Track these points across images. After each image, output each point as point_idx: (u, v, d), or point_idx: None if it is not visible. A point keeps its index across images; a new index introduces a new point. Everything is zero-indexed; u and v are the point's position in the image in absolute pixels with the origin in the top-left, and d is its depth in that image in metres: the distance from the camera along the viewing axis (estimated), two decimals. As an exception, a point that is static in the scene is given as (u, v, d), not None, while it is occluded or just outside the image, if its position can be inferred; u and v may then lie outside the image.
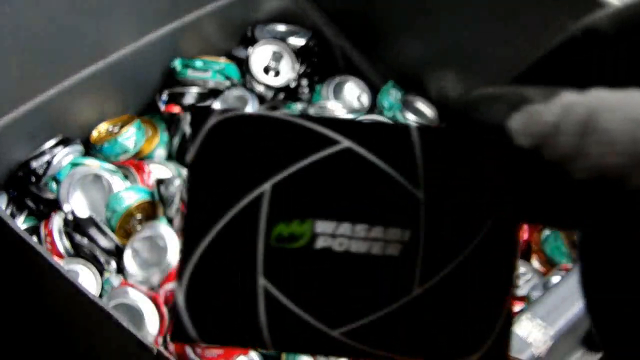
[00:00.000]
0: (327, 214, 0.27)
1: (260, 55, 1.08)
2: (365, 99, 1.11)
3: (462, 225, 0.27)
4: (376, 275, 0.27)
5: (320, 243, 0.27)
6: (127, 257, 0.86)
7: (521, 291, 0.87)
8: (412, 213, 0.27)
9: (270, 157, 0.27)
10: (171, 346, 0.81)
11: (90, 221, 0.89)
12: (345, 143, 0.27)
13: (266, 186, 0.27)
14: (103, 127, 1.01)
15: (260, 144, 0.27)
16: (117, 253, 0.88)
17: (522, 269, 0.90)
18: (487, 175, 0.26)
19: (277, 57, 1.09)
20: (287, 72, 1.09)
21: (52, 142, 0.96)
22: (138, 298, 0.80)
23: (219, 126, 0.27)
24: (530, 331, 0.67)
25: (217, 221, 0.27)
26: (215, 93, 1.07)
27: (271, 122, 0.27)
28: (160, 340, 0.81)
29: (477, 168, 0.26)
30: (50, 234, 0.87)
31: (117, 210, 0.91)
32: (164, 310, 0.81)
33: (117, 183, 0.94)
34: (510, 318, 0.28)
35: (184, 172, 1.00)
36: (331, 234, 0.27)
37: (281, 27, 1.14)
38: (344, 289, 0.27)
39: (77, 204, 0.93)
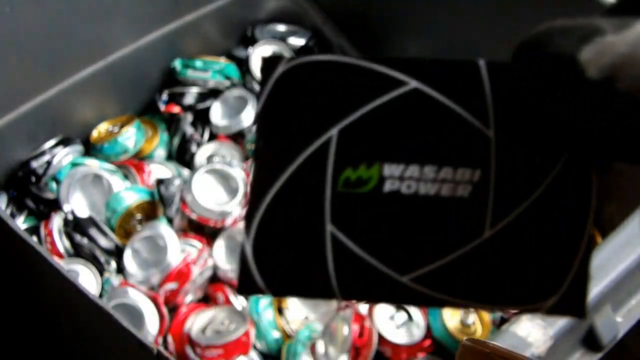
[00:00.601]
0: (394, 156, 0.26)
1: (260, 55, 1.08)
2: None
3: (535, 163, 0.26)
4: (446, 218, 0.26)
5: (388, 186, 0.26)
6: (127, 257, 0.87)
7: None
8: (482, 152, 0.26)
9: (336, 102, 0.26)
10: (171, 346, 0.81)
11: (90, 221, 0.89)
12: (413, 83, 0.26)
13: (333, 131, 0.26)
14: (103, 127, 1.01)
15: (326, 90, 0.26)
16: (117, 253, 0.88)
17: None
18: (558, 111, 0.25)
19: (277, 57, 1.09)
20: (287, 72, 1.09)
21: (52, 142, 0.96)
22: (138, 298, 0.81)
23: (286, 74, 0.27)
24: (530, 331, 0.67)
25: (285, 169, 0.26)
26: (215, 93, 1.07)
27: (337, 67, 0.26)
28: (160, 340, 0.81)
29: (548, 104, 0.25)
30: (50, 234, 0.87)
31: (117, 210, 0.91)
32: (164, 310, 0.81)
33: (117, 183, 0.94)
34: (586, 262, 0.26)
35: (184, 172, 1.00)
36: (399, 177, 0.26)
37: (281, 27, 1.15)
38: (412, 233, 0.26)
39: (77, 204, 0.93)
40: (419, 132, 0.26)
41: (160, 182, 0.93)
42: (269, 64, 0.27)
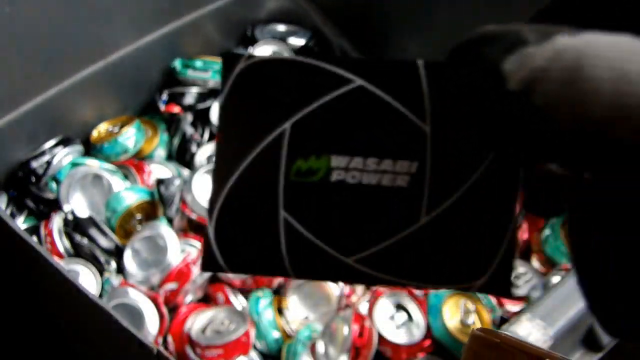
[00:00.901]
0: (341, 149, 0.29)
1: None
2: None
3: (467, 157, 0.28)
4: (386, 205, 0.29)
5: (335, 176, 0.29)
6: (127, 257, 0.86)
7: (521, 291, 0.87)
8: (419, 146, 0.28)
9: (289, 98, 0.29)
10: (171, 346, 0.81)
11: (90, 221, 0.89)
12: (358, 82, 0.28)
13: (286, 125, 0.29)
14: (103, 127, 1.01)
15: (281, 86, 0.29)
16: (117, 253, 0.88)
17: (522, 269, 0.90)
18: (487, 111, 0.27)
19: (277, 57, 1.09)
20: (287, 72, 1.09)
21: (52, 142, 0.96)
22: (138, 298, 0.80)
23: (245, 71, 0.29)
24: (530, 331, 0.67)
25: (243, 159, 0.29)
26: (215, 93, 1.07)
27: (291, 65, 0.29)
28: (160, 340, 0.81)
29: (479, 104, 0.27)
30: (50, 234, 0.87)
31: (117, 210, 0.91)
32: (164, 310, 0.81)
33: (117, 183, 0.94)
34: (513, 246, 0.29)
35: (184, 172, 1.00)
36: (345, 168, 0.29)
37: (281, 27, 1.15)
38: (356, 219, 0.29)
39: (77, 204, 0.93)
40: (363, 127, 0.28)
41: (160, 182, 0.93)
42: (229, 61, 0.29)
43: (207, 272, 0.31)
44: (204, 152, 1.02)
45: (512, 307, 0.84)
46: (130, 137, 0.98)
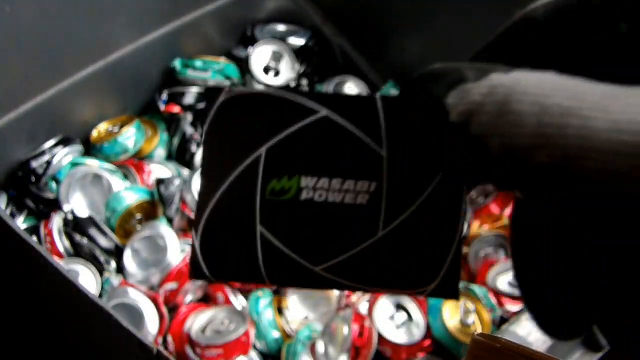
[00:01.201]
0: (309, 171, 0.33)
1: (260, 55, 1.08)
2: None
3: (418, 178, 0.33)
4: (349, 220, 0.33)
5: (304, 195, 0.33)
6: (127, 257, 0.87)
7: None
8: (377, 168, 0.33)
9: (264, 127, 0.33)
10: (171, 346, 0.81)
11: (90, 221, 0.89)
12: (324, 112, 0.33)
13: (262, 150, 0.33)
14: (103, 127, 1.01)
15: (257, 116, 0.33)
16: (117, 253, 0.88)
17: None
18: (434, 140, 0.31)
19: (277, 57, 1.09)
20: (287, 72, 1.09)
21: (52, 142, 0.96)
22: (138, 298, 0.81)
23: (226, 103, 0.33)
24: (530, 331, 0.67)
25: (224, 180, 0.33)
26: (215, 93, 1.07)
27: (265, 98, 0.33)
28: (160, 340, 0.81)
29: (427, 133, 0.32)
30: (50, 234, 0.87)
31: (117, 210, 0.91)
32: (164, 310, 0.81)
33: (117, 183, 0.94)
34: (458, 256, 0.33)
35: (184, 172, 1.00)
36: (313, 187, 0.33)
37: (281, 27, 1.15)
38: (323, 232, 0.33)
39: (77, 204, 0.93)
40: (329, 152, 0.33)
41: (160, 182, 0.93)
42: (212, 94, 0.33)
43: (195, 279, 0.33)
44: (204, 152, 1.02)
45: (512, 307, 0.84)
46: (130, 137, 0.98)
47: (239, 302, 0.86)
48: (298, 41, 1.12)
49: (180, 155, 1.04)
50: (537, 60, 0.28)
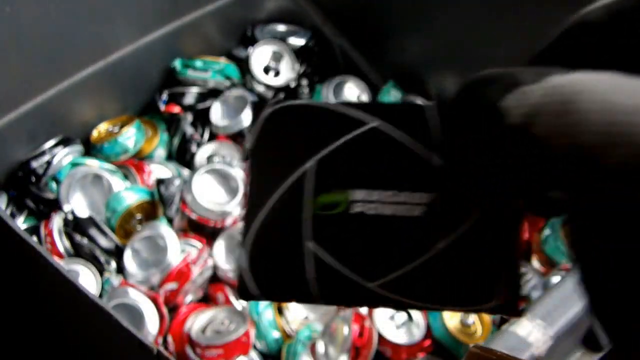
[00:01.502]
0: (360, 183, 0.32)
1: (260, 55, 1.08)
2: (365, 99, 1.11)
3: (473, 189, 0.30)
4: (404, 234, 0.31)
5: (356, 208, 0.31)
6: (127, 257, 0.86)
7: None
8: (431, 179, 0.31)
9: (313, 139, 0.32)
10: (171, 346, 0.81)
11: (90, 221, 0.89)
12: (372, 123, 0.31)
13: (311, 163, 0.32)
14: (103, 127, 1.01)
15: (304, 128, 0.32)
16: (117, 253, 0.88)
17: (522, 269, 0.90)
18: (490, 146, 0.29)
19: (277, 57, 1.09)
20: (287, 72, 1.09)
21: (52, 142, 0.96)
22: (138, 298, 0.80)
23: (272, 115, 0.32)
24: (530, 331, 0.67)
25: (272, 195, 0.32)
26: (215, 93, 1.07)
27: (312, 109, 0.32)
28: (160, 340, 0.81)
29: (482, 139, 0.29)
30: (50, 234, 0.87)
31: (117, 210, 0.91)
32: (164, 310, 0.81)
33: (117, 183, 0.94)
34: (518, 271, 0.32)
35: (184, 172, 1.00)
36: (364, 200, 0.31)
37: (281, 27, 1.15)
38: (377, 247, 0.31)
39: (77, 204, 0.93)
40: (380, 163, 0.32)
41: (160, 182, 0.93)
42: (258, 107, 0.32)
43: (244, 300, 0.33)
44: (204, 152, 1.02)
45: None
46: (130, 137, 0.98)
47: (239, 302, 0.86)
48: (298, 41, 1.12)
49: (180, 155, 1.04)
50: (592, 64, 0.28)
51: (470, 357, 0.32)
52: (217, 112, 1.06)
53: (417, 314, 0.84)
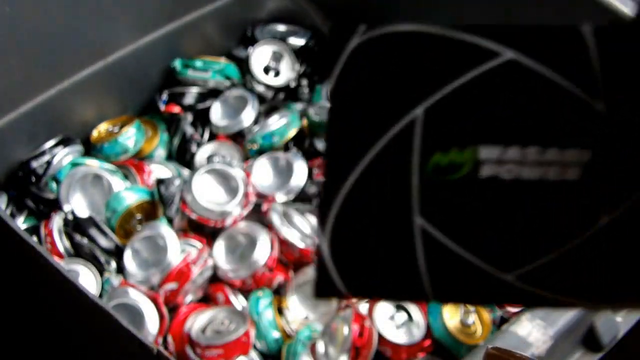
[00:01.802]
0: (491, 137, 0.23)
1: (260, 55, 1.08)
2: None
3: None
4: (554, 205, 0.23)
5: (486, 171, 0.23)
6: (127, 257, 0.86)
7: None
8: (592, 129, 0.23)
9: (420, 78, 0.23)
10: (171, 346, 0.81)
11: (90, 221, 0.89)
12: (508, 54, 0.23)
13: (418, 111, 0.23)
14: (103, 127, 1.01)
15: (408, 64, 0.23)
16: (117, 253, 0.88)
17: None
18: None
19: (277, 57, 1.09)
20: (287, 72, 1.09)
21: (52, 142, 0.96)
22: (138, 298, 0.80)
23: (362, 47, 0.24)
24: (530, 331, 0.67)
25: (362, 157, 0.23)
26: (215, 93, 1.07)
27: (420, 38, 0.23)
28: (160, 340, 0.81)
29: None
30: (50, 234, 0.87)
31: (117, 210, 0.91)
32: (164, 310, 0.81)
33: (117, 183, 0.94)
34: None
35: (184, 172, 1.00)
36: (497, 160, 0.23)
37: (281, 27, 1.15)
38: (516, 224, 0.23)
39: (77, 204, 0.93)
40: (518, 109, 0.23)
41: (160, 182, 0.93)
42: (340, 34, 0.23)
43: (322, 298, 0.25)
44: (204, 152, 1.02)
45: (512, 307, 0.84)
46: (130, 137, 0.98)
47: (239, 302, 0.86)
48: (298, 41, 1.12)
49: (180, 155, 1.04)
50: None
51: (488, 358, 0.30)
52: (217, 112, 1.06)
53: (417, 314, 0.84)
